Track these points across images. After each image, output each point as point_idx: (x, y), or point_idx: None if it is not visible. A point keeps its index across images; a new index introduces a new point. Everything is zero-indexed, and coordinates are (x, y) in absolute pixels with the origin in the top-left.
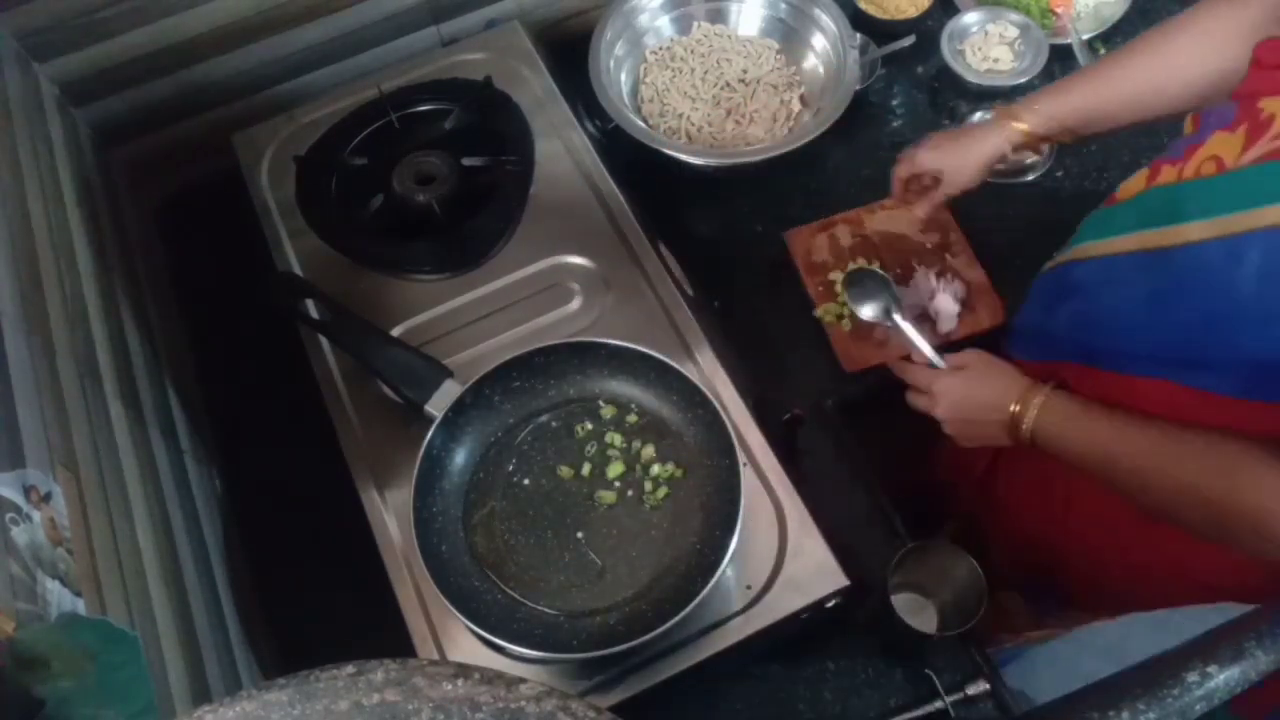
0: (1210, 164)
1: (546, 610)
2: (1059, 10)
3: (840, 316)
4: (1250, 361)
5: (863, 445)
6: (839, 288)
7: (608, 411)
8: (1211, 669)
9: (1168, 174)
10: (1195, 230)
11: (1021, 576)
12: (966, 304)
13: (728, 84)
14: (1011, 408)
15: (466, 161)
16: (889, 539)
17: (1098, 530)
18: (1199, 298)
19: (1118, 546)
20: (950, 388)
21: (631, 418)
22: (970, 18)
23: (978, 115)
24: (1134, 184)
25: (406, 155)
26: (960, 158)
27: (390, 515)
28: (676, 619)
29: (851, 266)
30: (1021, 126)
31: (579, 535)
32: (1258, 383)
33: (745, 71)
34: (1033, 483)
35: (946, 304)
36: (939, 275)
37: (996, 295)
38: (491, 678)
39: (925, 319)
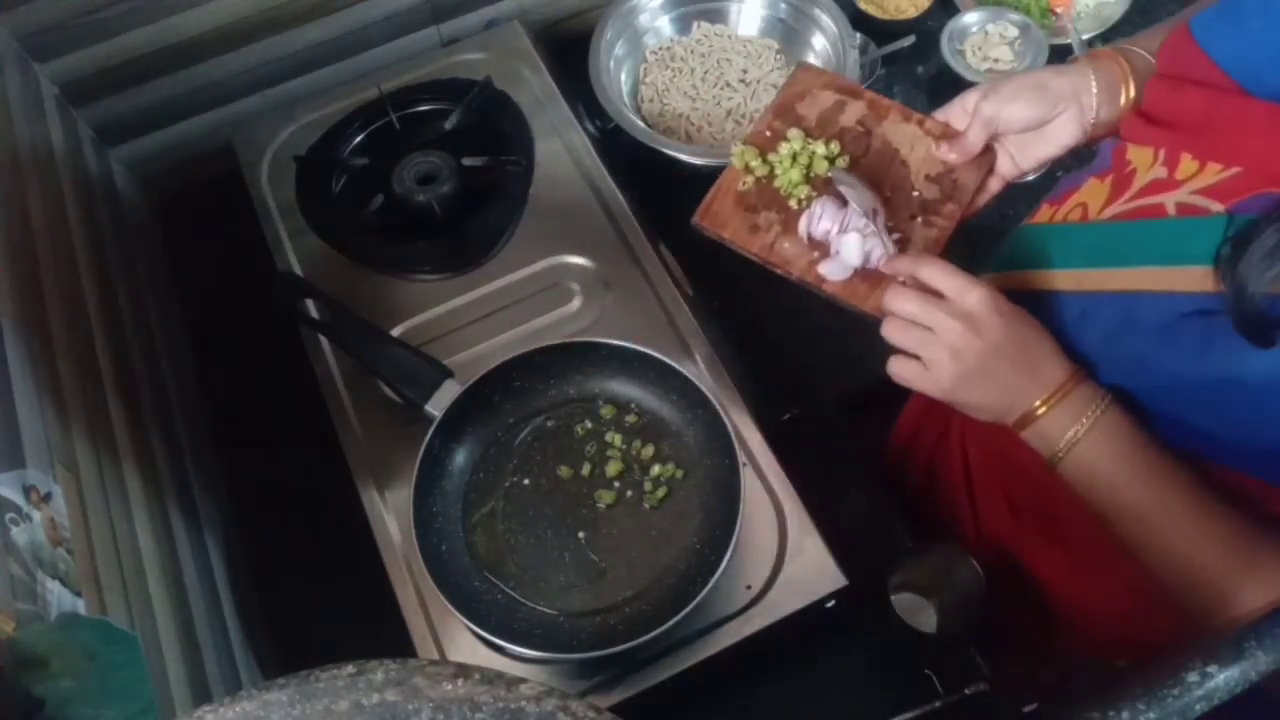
0: (1077, 211)
1: (546, 610)
2: (1059, 10)
3: (750, 170)
4: None
5: (863, 445)
6: (785, 150)
7: (608, 411)
8: (1211, 669)
9: (1044, 214)
10: (1059, 279)
11: None
12: (868, 276)
13: (728, 84)
14: (1035, 403)
15: (466, 161)
16: (889, 539)
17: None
18: (1059, 346)
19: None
20: (991, 316)
21: (631, 418)
22: (970, 18)
23: None
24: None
25: (406, 155)
26: (1041, 138)
27: (390, 515)
28: (676, 619)
29: (820, 149)
30: (1130, 89)
31: (579, 535)
32: None
33: (745, 71)
34: (950, 494)
35: (850, 249)
36: (889, 228)
37: None
38: (491, 678)
39: (810, 244)
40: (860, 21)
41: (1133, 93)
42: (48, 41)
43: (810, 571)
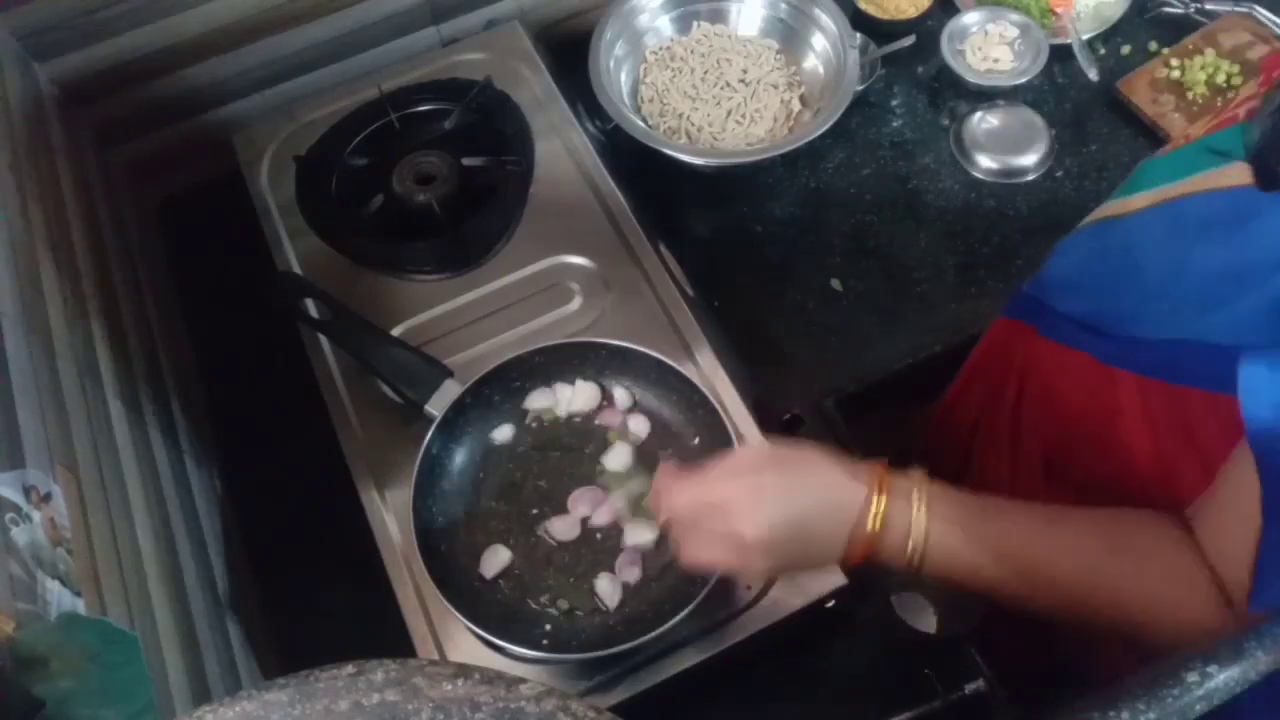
0: (1181, 141)
1: (547, 610)
2: (1059, 10)
3: (1170, 67)
4: (1138, 338)
5: (863, 445)
6: (1199, 61)
7: None
8: (1211, 669)
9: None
10: (1139, 200)
11: None
12: None
13: (728, 84)
14: (868, 524)
15: (466, 161)
16: None
17: None
18: (1115, 265)
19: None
20: (757, 459)
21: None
22: (970, 18)
23: (977, 115)
24: None
25: (406, 155)
26: None
27: (390, 515)
28: (676, 619)
29: (1225, 67)
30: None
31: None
32: (1149, 360)
33: (745, 71)
34: (990, 457)
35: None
36: None
37: None
38: (491, 678)
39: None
40: (860, 21)
41: None
42: (48, 41)
43: (810, 571)
